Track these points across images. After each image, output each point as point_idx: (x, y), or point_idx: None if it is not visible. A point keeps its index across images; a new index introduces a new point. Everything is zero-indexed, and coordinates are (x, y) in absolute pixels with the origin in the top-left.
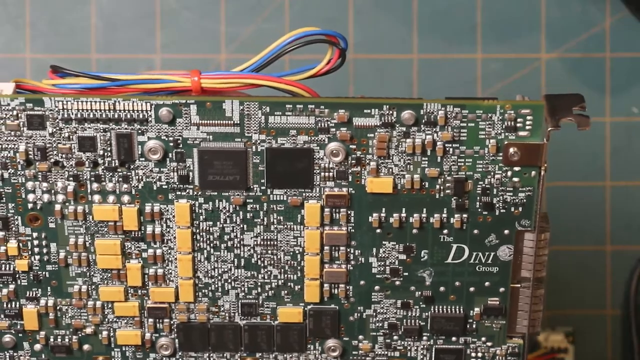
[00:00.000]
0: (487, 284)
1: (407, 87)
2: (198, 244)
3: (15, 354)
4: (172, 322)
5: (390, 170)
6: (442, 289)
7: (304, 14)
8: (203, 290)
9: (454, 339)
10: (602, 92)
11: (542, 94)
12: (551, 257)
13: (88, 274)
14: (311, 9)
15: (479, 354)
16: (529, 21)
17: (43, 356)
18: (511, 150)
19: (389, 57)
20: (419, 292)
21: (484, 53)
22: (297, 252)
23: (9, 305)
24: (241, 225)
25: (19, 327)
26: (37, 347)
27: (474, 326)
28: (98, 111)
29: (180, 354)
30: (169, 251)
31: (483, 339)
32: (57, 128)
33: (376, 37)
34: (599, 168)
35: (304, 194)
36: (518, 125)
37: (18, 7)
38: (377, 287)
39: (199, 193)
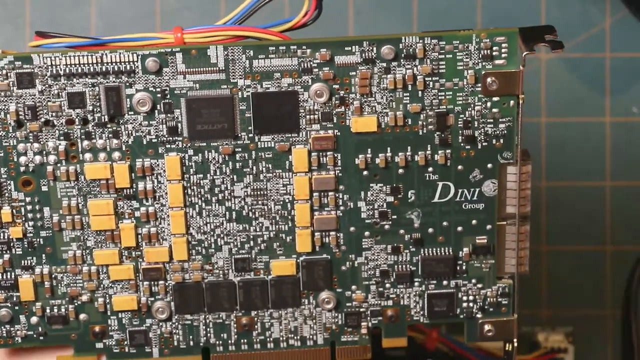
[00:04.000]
0: (474, 222)
1: None
2: (190, 199)
3: (12, 328)
4: (167, 284)
5: (374, 108)
6: (430, 230)
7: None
8: (196, 248)
9: (444, 283)
10: (602, 92)
11: (542, 94)
12: (551, 257)
13: (82, 237)
14: None
15: (470, 297)
16: (529, 21)
17: (40, 329)
18: (489, 79)
19: None
20: (408, 235)
21: None
22: (287, 200)
23: (5, 276)
24: (231, 176)
25: (15, 299)
26: (34, 319)
27: (464, 267)
28: (86, 65)
29: (176, 317)
30: (161, 208)
31: (473, 281)
32: (46, 85)
33: None
34: (599, 168)
35: (291, 139)
36: (494, 53)
37: (18, 7)
38: (367, 233)
39: (189, 145)
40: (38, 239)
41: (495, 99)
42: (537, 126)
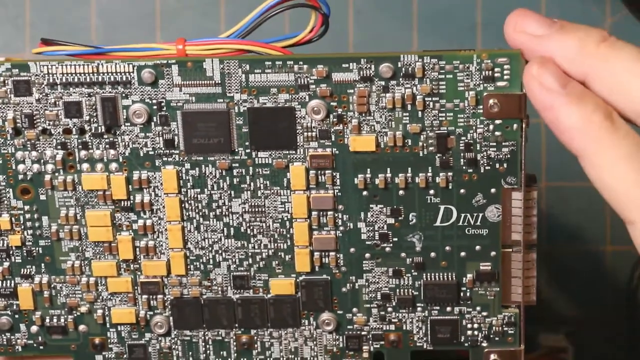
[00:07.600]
0: (477, 247)
1: None
2: (187, 213)
3: (12, 336)
4: (165, 298)
5: (372, 127)
6: (432, 254)
7: (304, 13)
8: (194, 263)
9: (448, 309)
10: None
11: None
12: (552, 257)
13: (80, 248)
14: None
15: (475, 325)
16: None
17: (40, 338)
18: (490, 101)
19: None
20: (410, 259)
21: None
22: (285, 218)
23: (4, 284)
24: (228, 192)
25: (14, 307)
26: (34, 328)
27: (468, 294)
28: (82, 74)
29: (175, 332)
30: (159, 221)
31: (478, 308)
32: (43, 94)
33: (376, 37)
34: None
35: (288, 156)
36: (496, 75)
37: (18, 7)
38: (367, 255)
39: (185, 158)
40: (37, 248)
41: (497, 121)
42: (537, 126)
